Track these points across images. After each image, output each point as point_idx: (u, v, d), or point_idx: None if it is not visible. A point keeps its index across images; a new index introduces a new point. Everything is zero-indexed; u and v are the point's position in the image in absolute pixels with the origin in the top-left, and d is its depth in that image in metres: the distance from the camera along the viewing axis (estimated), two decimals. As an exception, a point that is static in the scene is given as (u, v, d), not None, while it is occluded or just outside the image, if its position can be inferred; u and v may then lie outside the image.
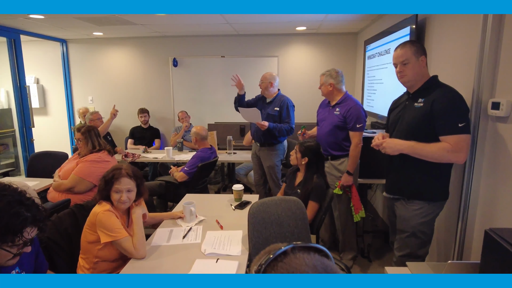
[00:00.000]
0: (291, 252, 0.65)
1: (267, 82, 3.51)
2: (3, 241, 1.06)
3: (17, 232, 1.08)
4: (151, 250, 1.82)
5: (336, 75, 2.78)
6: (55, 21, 4.23)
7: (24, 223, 1.09)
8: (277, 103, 3.48)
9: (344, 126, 2.72)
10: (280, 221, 1.86)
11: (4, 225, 1.05)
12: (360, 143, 2.67)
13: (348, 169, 2.69)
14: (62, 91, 5.88)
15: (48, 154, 3.85)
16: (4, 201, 1.07)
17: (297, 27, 4.84)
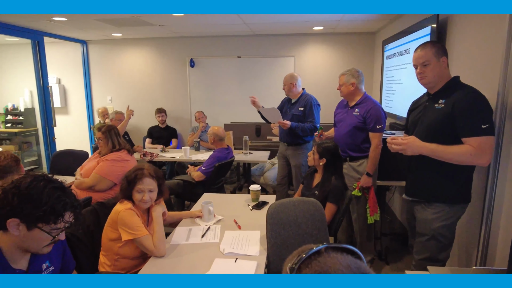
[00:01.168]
0: (324, 251, 0.66)
1: (289, 84, 3.52)
2: (46, 222, 1.14)
3: (59, 215, 1.15)
4: (171, 249, 1.85)
5: (357, 74, 2.75)
6: (76, 23, 4.34)
7: (65, 207, 1.17)
8: (302, 103, 3.49)
9: (363, 127, 2.69)
10: (298, 223, 1.86)
11: (50, 206, 1.12)
12: (380, 144, 2.64)
13: (368, 170, 2.66)
14: (82, 91, 6.03)
15: (69, 153, 3.96)
16: (49, 186, 1.16)
17: (314, 27, 4.82)
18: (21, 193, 1.11)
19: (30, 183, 1.14)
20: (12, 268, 1.18)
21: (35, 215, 1.11)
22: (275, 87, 5.52)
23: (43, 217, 1.13)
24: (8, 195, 1.11)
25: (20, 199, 1.11)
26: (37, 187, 1.14)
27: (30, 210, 1.11)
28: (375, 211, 2.70)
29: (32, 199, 1.11)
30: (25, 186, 1.13)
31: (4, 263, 1.16)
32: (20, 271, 1.21)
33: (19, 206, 1.10)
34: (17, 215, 1.11)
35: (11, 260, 1.18)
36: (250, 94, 5.54)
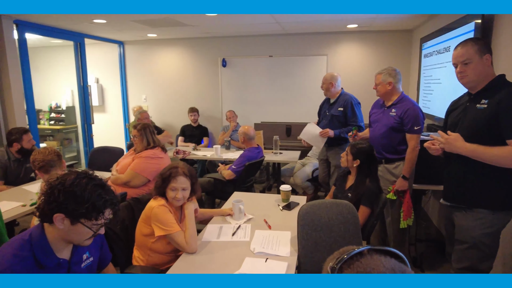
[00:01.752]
0: (367, 253, 0.65)
1: (328, 83, 3.46)
2: (88, 218, 1.20)
3: (99, 212, 1.21)
4: (202, 245, 1.87)
5: (394, 73, 2.66)
6: (115, 24, 4.51)
7: (105, 204, 1.23)
8: (341, 103, 3.44)
9: (400, 128, 2.59)
10: (330, 225, 1.82)
11: (91, 203, 1.18)
12: (418, 146, 2.53)
13: (404, 173, 2.56)
14: (119, 90, 6.27)
15: (106, 149, 4.13)
16: (91, 184, 1.21)
17: (348, 25, 4.71)
18: (66, 190, 1.17)
19: (74, 180, 1.20)
20: (57, 257, 1.25)
21: (78, 212, 1.17)
22: (307, 87, 5.47)
23: (85, 214, 1.19)
24: (55, 191, 1.18)
25: (65, 196, 1.17)
26: (80, 185, 1.19)
27: (73, 206, 1.17)
28: (408, 215, 2.59)
29: (76, 196, 1.17)
30: (69, 183, 1.19)
31: (50, 252, 1.24)
32: (63, 260, 1.28)
33: (64, 203, 1.16)
34: (62, 211, 1.17)
35: (56, 250, 1.26)
36: (281, 94, 5.57)
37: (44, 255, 1.22)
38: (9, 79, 3.92)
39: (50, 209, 1.18)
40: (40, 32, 4.48)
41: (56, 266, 1.26)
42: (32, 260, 1.19)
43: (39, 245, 1.22)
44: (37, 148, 2.47)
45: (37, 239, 1.22)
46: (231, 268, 1.63)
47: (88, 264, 1.41)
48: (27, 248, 1.20)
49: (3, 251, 1.19)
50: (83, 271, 1.39)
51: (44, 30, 4.51)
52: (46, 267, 1.22)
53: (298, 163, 4.31)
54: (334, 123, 3.44)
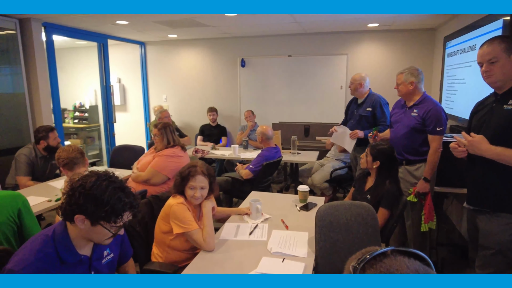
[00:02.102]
0: (391, 254, 0.65)
1: (356, 83, 3.45)
2: (108, 221, 1.23)
3: (118, 215, 1.23)
4: (219, 244, 1.89)
5: (417, 73, 2.59)
6: (136, 25, 4.61)
7: (124, 207, 1.24)
8: (369, 103, 3.42)
9: (422, 129, 2.53)
10: (349, 227, 1.80)
11: (110, 207, 1.21)
12: (440, 147, 2.47)
13: (425, 175, 2.50)
14: (140, 89, 6.40)
15: (127, 148, 4.23)
16: (111, 187, 1.23)
17: (368, 24, 4.64)
18: (86, 192, 1.20)
19: (94, 183, 1.22)
20: (78, 254, 1.29)
21: (98, 214, 1.20)
22: (326, 86, 5.43)
23: (105, 217, 1.21)
24: (76, 193, 1.21)
25: (85, 199, 1.20)
26: (100, 188, 1.21)
27: (93, 209, 1.20)
28: (430, 218, 2.53)
29: (96, 199, 1.20)
30: (90, 186, 1.21)
31: (72, 249, 1.28)
32: (84, 257, 1.32)
33: (84, 205, 1.19)
34: (83, 213, 1.20)
35: (78, 247, 1.29)
36: (300, 94, 5.54)
37: (66, 252, 1.25)
38: (37, 79, 4.08)
39: (71, 210, 1.21)
40: (66, 33, 4.63)
41: (77, 263, 1.29)
42: (55, 256, 1.23)
43: (62, 242, 1.25)
44: (62, 146, 2.55)
45: (60, 236, 1.26)
46: (248, 267, 1.64)
47: (108, 260, 1.45)
48: (50, 245, 1.23)
49: (28, 247, 1.23)
50: (104, 267, 1.42)
51: (70, 32, 4.66)
52: (67, 263, 1.26)
53: (316, 164, 4.28)
54: (362, 123, 3.42)
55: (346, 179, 4.07)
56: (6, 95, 3.97)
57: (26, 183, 3.08)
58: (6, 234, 1.74)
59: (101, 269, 1.41)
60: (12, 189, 3.07)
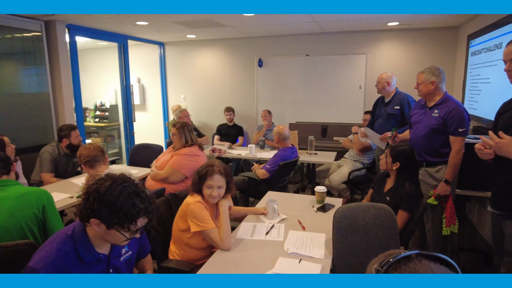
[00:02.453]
0: (415, 257, 0.62)
1: (384, 82, 3.41)
2: (122, 226, 1.23)
3: (132, 221, 1.23)
4: (236, 243, 1.90)
5: (438, 72, 2.52)
6: (156, 26, 4.69)
7: (139, 213, 1.24)
8: (396, 102, 3.39)
9: (443, 130, 2.46)
10: (367, 229, 1.77)
11: (124, 213, 1.20)
12: (462, 149, 2.39)
13: (446, 177, 2.43)
14: (159, 89, 6.50)
15: (146, 146, 4.30)
16: (125, 192, 1.23)
17: (388, 23, 4.55)
18: (100, 198, 1.20)
19: (108, 188, 1.21)
20: (97, 253, 1.31)
21: (112, 220, 1.21)
22: (344, 86, 5.37)
23: (118, 222, 1.21)
24: (90, 198, 1.22)
25: (99, 204, 1.20)
26: (114, 194, 1.21)
27: (107, 215, 1.20)
28: (452, 222, 2.46)
29: (109, 205, 1.19)
30: (104, 191, 1.21)
31: (91, 249, 1.30)
32: (103, 255, 1.34)
33: (98, 210, 1.20)
34: (97, 217, 1.21)
35: (96, 246, 1.32)
36: (317, 93, 5.50)
37: (85, 251, 1.27)
38: (61, 79, 4.21)
39: (86, 214, 1.22)
40: (89, 34, 4.75)
41: (96, 261, 1.32)
42: (74, 255, 1.25)
43: (81, 241, 1.28)
44: (83, 144, 2.62)
45: (79, 236, 1.28)
46: (264, 267, 1.64)
47: (126, 257, 1.47)
48: (70, 243, 1.26)
49: (49, 245, 1.26)
50: (122, 264, 1.44)
51: (92, 33, 4.78)
52: (86, 261, 1.28)
53: (334, 165, 4.23)
54: (390, 121, 3.38)
55: (365, 181, 4.01)
56: (32, 94, 4.11)
57: (50, 179, 3.18)
58: (32, 228, 1.80)
59: (119, 266, 1.43)
60: (37, 185, 3.18)
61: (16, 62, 4.00)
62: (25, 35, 3.95)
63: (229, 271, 1.62)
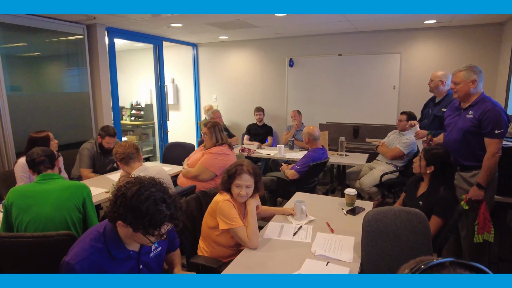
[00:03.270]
0: (449, 265, 0.59)
1: (437, 81, 3.19)
2: (146, 231, 1.26)
3: (156, 227, 1.26)
4: (263, 242, 1.91)
5: (477, 70, 2.36)
6: (190, 28, 4.80)
7: (163, 220, 1.26)
8: (445, 104, 3.19)
9: (478, 131, 2.33)
10: (398, 234, 1.72)
11: (149, 220, 1.23)
12: (498, 152, 2.25)
13: (479, 181, 2.30)
14: (192, 89, 6.65)
15: (179, 145, 4.42)
16: (151, 199, 1.25)
17: (425, 21, 4.38)
18: (126, 203, 1.23)
19: (135, 193, 1.23)
20: (127, 250, 1.37)
21: (136, 225, 1.24)
22: (377, 86, 5.23)
23: (143, 228, 1.24)
24: (117, 202, 1.26)
25: (125, 210, 1.23)
26: (140, 199, 1.22)
27: (132, 220, 1.23)
28: (485, 229, 2.31)
29: (135, 210, 1.22)
30: (130, 196, 1.23)
31: (122, 246, 1.35)
32: (133, 252, 1.39)
33: (124, 215, 1.24)
34: (123, 221, 1.25)
35: (126, 244, 1.37)
36: (349, 93, 5.40)
37: (115, 248, 1.33)
38: (100, 80, 4.43)
39: (114, 217, 1.27)
40: (126, 37, 4.96)
41: (126, 258, 1.37)
42: (106, 251, 1.31)
43: (111, 238, 1.33)
44: (119, 141, 2.74)
45: (110, 233, 1.34)
46: (291, 268, 1.64)
47: (156, 253, 1.51)
48: (101, 241, 1.32)
49: (83, 241, 1.33)
50: (152, 260, 1.48)
51: (129, 35, 4.98)
52: (117, 258, 1.33)
53: (365, 167, 4.13)
54: (435, 123, 3.20)
55: (397, 184, 3.88)
56: (73, 94, 4.36)
57: (88, 174, 3.35)
58: (73, 220, 1.92)
59: (149, 262, 1.47)
60: (77, 179, 3.37)
61: (61, 64, 4.26)
62: (69, 38, 4.19)
63: (256, 270, 1.63)
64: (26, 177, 2.69)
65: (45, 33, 3.94)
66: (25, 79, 3.90)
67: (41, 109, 3.94)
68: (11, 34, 3.61)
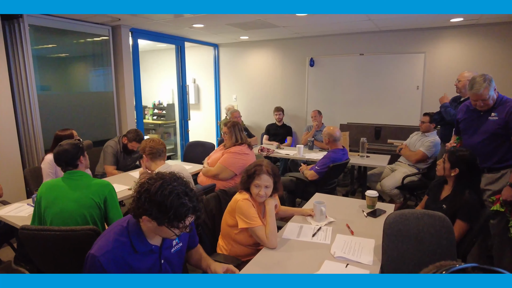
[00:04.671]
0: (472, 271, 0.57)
1: (465, 81, 3.13)
2: (171, 225, 1.30)
3: (181, 219, 1.30)
4: (282, 242, 1.91)
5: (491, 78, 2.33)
6: (211, 28, 4.86)
7: (187, 212, 1.30)
8: None
9: (504, 132, 2.26)
10: (420, 237, 1.68)
11: (173, 213, 1.27)
12: None
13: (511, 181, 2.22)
14: (212, 89, 6.72)
15: (199, 144, 4.49)
16: (174, 192, 1.28)
17: (451, 19, 4.25)
18: (151, 198, 1.27)
19: (159, 188, 1.27)
20: (149, 244, 1.40)
21: (161, 219, 1.28)
22: (400, 86, 5.12)
23: (168, 221, 1.28)
24: (142, 198, 1.29)
25: (149, 204, 1.27)
26: (164, 194, 1.26)
27: (157, 214, 1.27)
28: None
29: (159, 205, 1.26)
30: (154, 192, 1.26)
31: (144, 240, 1.39)
32: (155, 247, 1.42)
33: (149, 210, 1.27)
34: (148, 216, 1.29)
35: (149, 238, 1.41)
36: (371, 94, 5.31)
37: (138, 242, 1.37)
38: (124, 79, 4.55)
39: (138, 212, 1.31)
40: (149, 37, 5.07)
41: (149, 252, 1.40)
42: (129, 245, 1.35)
43: (135, 233, 1.37)
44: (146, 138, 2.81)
45: (133, 228, 1.38)
46: (309, 269, 1.63)
47: (177, 249, 1.54)
48: (125, 234, 1.36)
49: (108, 235, 1.37)
50: (173, 255, 1.52)
51: (152, 36, 5.09)
52: (140, 252, 1.37)
53: (387, 168, 4.05)
54: None
55: (419, 186, 3.79)
56: (98, 93, 4.50)
57: (112, 171, 3.46)
58: (94, 216, 1.99)
59: (170, 257, 1.50)
60: (101, 176, 3.48)
61: (87, 64, 4.41)
62: (95, 39, 4.33)
63: (274, 270, 1.64)
64: (52, 173, 2.81)
65: (73, 34, 4.09)
66: (53, 79, 4.06)
67: (68, 107, 4.09)
68: (41, 36, 3.76)
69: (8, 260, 2.99)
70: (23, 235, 1.78)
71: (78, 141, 2.22)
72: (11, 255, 2.90)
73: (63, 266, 1.86)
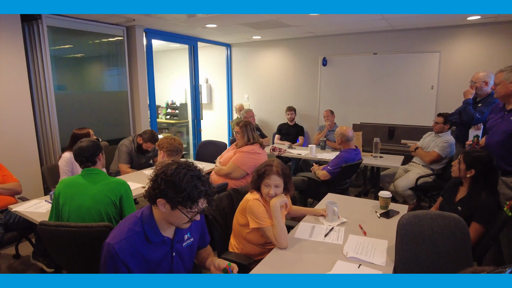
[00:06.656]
0: None
1: (481, 82, 3.10)
2: (184, 206, 1.35)
3: (194, 201, 1.35)
4: (294, 242, 1.91)
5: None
6: (223, 28, 4.88)
7: (200, 194, 1.35)
8: (484, 103, 3.09)
9: None
10: (434, 239, 1.66)
11: (188, 193, 1.32)
12: None
13: None
14: (224, 89, 6.75)
15: (211, 143, 4.52)
16: (189, 175, 1.35)
17: (468, 17, 4.16)
18: (167, 179, 1.33)
19: (174, 170, 1.34)
20: (162, 235, 1.44)
21: (176, 199, 1.32)
22: (414, 86, 5.05)
23: (182, 202, 1.33)
24: (158, 180, 1.35)
25: (166, 184, 1.33)
26: (179, 175, 1.32)
27: (172, 194, 1.32)
28: None
29: (175, 185, 1.32)
30: (171, 173, 1.33)
31: (157, 230, 1.43)
32: (167, 238, 1.46)
33: (165, 190, 1.32)
34: (164, 197, 1.34)
35: (162, 229, 1.45)
36: (385, 93, 5.25)
37: (151, 232, 1.41)
38: (138, 79, 4.61)
39: (154, 194, 1.35)
40: (163, 37, 5.13)
41: (161, 243, 1.44)
42: (143, 235, 1.39)
43: (148, 223, 1.41)
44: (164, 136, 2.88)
45: (147, 218, 1.42)
46: (321, 269, 1.63)
47: (189, 244, 1.57)
48: (139, 225, 1.41)
49: (123, 225, 1.42)
50: (184, 249, 1.55)
51: (166, 36, 5.15)
52: (153, 242, 1.41)
53: (400, 169, 4.01)
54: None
55: (434, 188, 3.73)
56: (113, 92, 4.57)
57: (126, 170, 3.51)
58: (109, 213, 2.03)
59: (182, 250, 1.54)
60: (115, 174, 3.54)
61: (102, 64, 4.49)
62: (110, 40, 4.41)
63: (285, 270, 1.64)
64: (69, 170, 2.87)
65: (89, 35, 4.17)
66: (69, 79, 4.15)
67: (84, 107, 4.17)
68: (59, 37, 3.85)
69: (26, 255, 3.08)
70: (41, 230, 1.84)
71: (97, 140, 2.28)
72: (29, 249, 2.98)
73: (79, 261, 1.91)
